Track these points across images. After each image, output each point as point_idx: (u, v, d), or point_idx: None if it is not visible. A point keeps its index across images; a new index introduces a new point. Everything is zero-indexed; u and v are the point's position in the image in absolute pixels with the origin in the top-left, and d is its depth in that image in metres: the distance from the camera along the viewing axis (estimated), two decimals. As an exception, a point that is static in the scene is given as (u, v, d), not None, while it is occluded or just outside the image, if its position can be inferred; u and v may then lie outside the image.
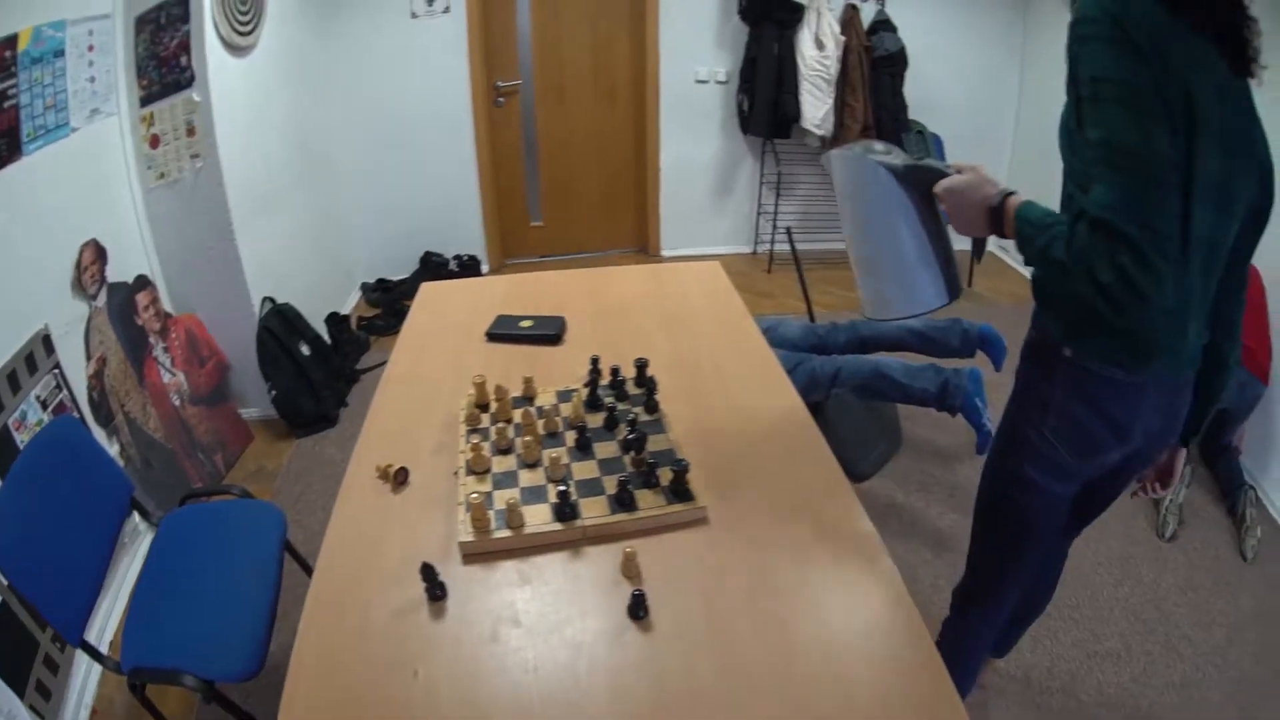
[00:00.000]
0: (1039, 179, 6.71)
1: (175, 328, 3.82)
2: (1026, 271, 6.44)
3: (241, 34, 4.00)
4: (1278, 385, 4.59)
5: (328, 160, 5.43)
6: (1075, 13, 1.52)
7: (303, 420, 4.22)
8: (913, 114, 6.74)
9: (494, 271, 6.40)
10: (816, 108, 6.13)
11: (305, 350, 4.28)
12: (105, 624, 2.92)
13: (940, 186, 1.79)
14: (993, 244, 7.11)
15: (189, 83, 3.72)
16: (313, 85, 5.17)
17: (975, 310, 6.06)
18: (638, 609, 1.50)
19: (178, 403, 3.69)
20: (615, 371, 2.18)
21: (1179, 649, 3.52)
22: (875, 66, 6.33)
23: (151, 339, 3.62)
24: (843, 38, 6.10)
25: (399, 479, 1.84)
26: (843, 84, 6.28)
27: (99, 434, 3.09)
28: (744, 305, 2.88)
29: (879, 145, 1.96)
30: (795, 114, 6.22)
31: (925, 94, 6.81)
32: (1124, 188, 1.39)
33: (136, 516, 2.56)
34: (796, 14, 6.04)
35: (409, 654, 1.44)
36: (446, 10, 5.55)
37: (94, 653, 2.07)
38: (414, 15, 5.52)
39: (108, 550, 2.28)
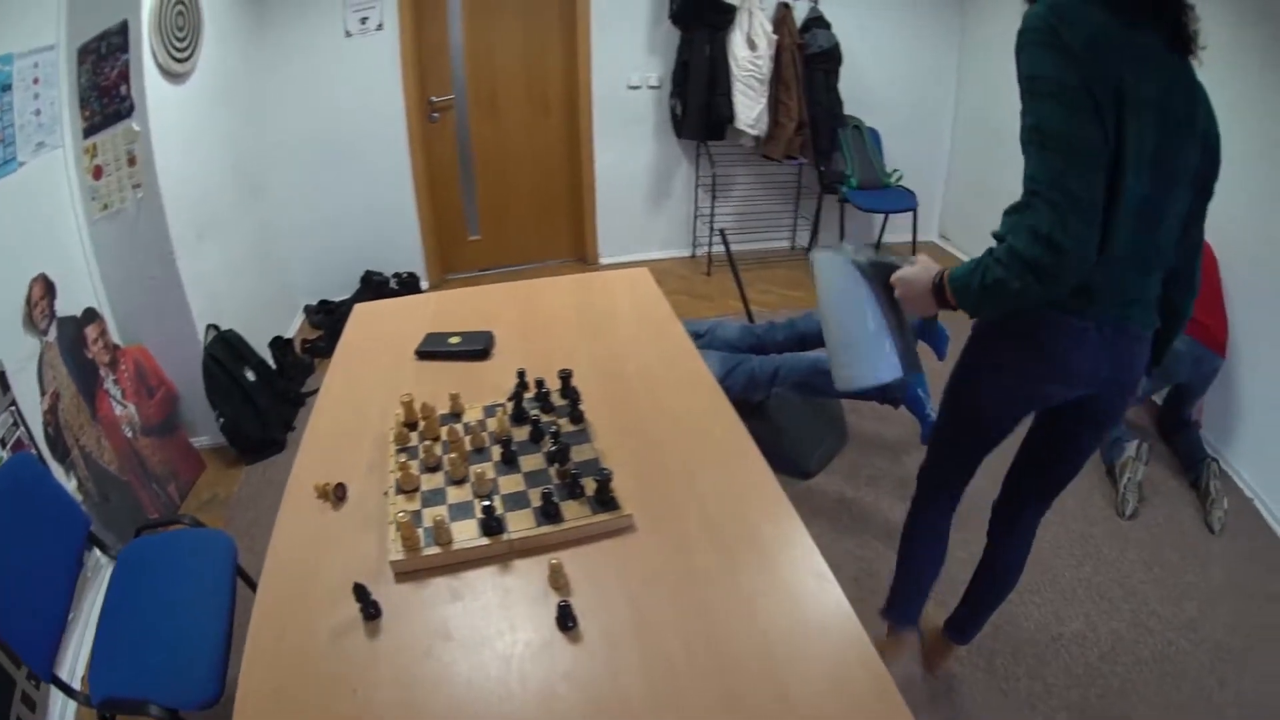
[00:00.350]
0: (977, 169, 6.84)
1: (124, 359, 3.81)
2: (966, 259, 6.65)
3: (178, 60, 4.00)
4: (1236, 357, 4.65)
5: (266, 183, 5.42)
6: (1021, 24, 1.78)
7: (251, 446, 4.20)
8: (849, 109, 6.77)
9: (434, 287, 6.39)
10: (750, 108, 6.17)
11: (251, 376, 4.28)
12: (77, 658, 2.93)
13: (894, 277, 2.05)
14: (934, 234, 7.20)
15: (129, 112, 3.71)
16: (249, 108, 5.16)
17: None
18: (566, 620, 1.52)
19: (130, 434, 3.67)
20: (540, 384, 2.19)
21: (1148, 625, 3.56)
22: (809, 64, 6.35)
23: (102, 372, 3.61)
24: (775, 37, 6.13)
25: (338, 494, 1.86)
26: (776, 83, 6.30)
27: (56, 469, 3.09)
28: (671, 310, 2.90)
29: (850, 246, 2.24)
30: (729, 115, 6.27)
31: (862, 89, 6.85)
32: (1048, 163, 1.69)
33: (97, 550, 2.58)
34: (728, 15, 6.07)
35: (348, 673, 1.45)
36: (380, 28, 5.55)
37: (65, 688, 2.09)
38: (348, 34, 5.50)
39: (70, 585, 2.30)
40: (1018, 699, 3.15)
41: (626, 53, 6.32)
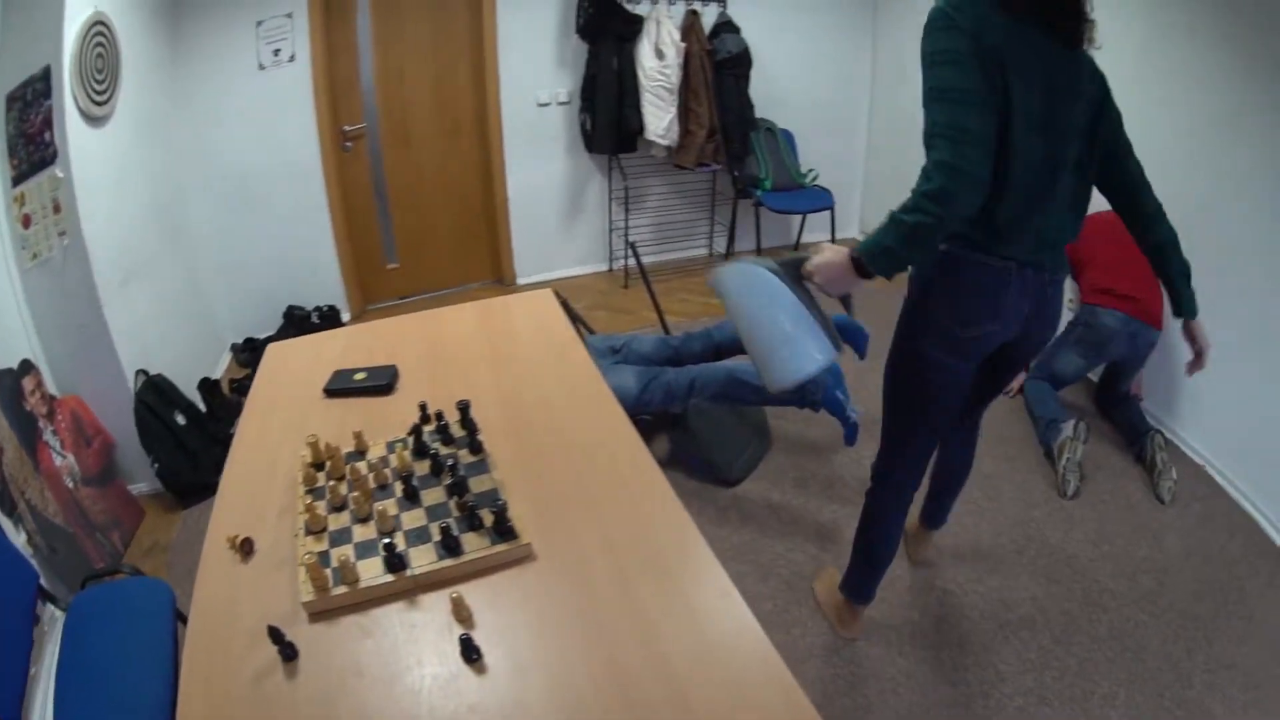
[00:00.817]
0: (895, 163, 7.00)
1: (61, 410, 3.80)
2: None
3: (98, 103, 3.98)
4: (1173, 327, 4.68)
5: (188, 223, 5.39)
6: (926, 19, 2.12)
7: (187, 491, 4.19)
8: (761, 112, 6.82)
9: (355, 319, 6.36)
10: (660, 118, 6.20)
11: (181, 420, 4.26)
12: (44, 713, 2.87)
13: (810, 265, 2.27)
14: (855, 231, 7.32)
15: (53, 158, 3.70)
16: (169, 148, 5.12)
17: (837, 303, 6.29)
18: (470, 652, 1.55)
19: (71, 485, 3.66)
20: (439, 416, 2.22)
21: (1101, 602, 3.59)
22: (719, 70, 6.39)
23: (41, 423, 3.61)
24: (683, 45, 6.15)
25: (245, 549, 1.87)
26: (685, 91, 6.32)
27: (6, 524, 3.08)
28: (574, 333, 2.92)
29: (750, 259, 2.41)
30: (639, 127, 6.32)
31: (773, 91, 6.90)
32: (944, 110, 2.01)
33: (50, 604, 2.61)
34: (635, 25, 6.09)
35: (272, 714, 1.48)
36: (292, 59, 5.54)
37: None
38: (261, 67, 5.50)
39: (27, 642, 2.33)
40: (968, 690, 3.14)
41: (534, 70, 6.35)
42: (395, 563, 1.73)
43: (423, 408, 2.27)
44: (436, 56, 6.13)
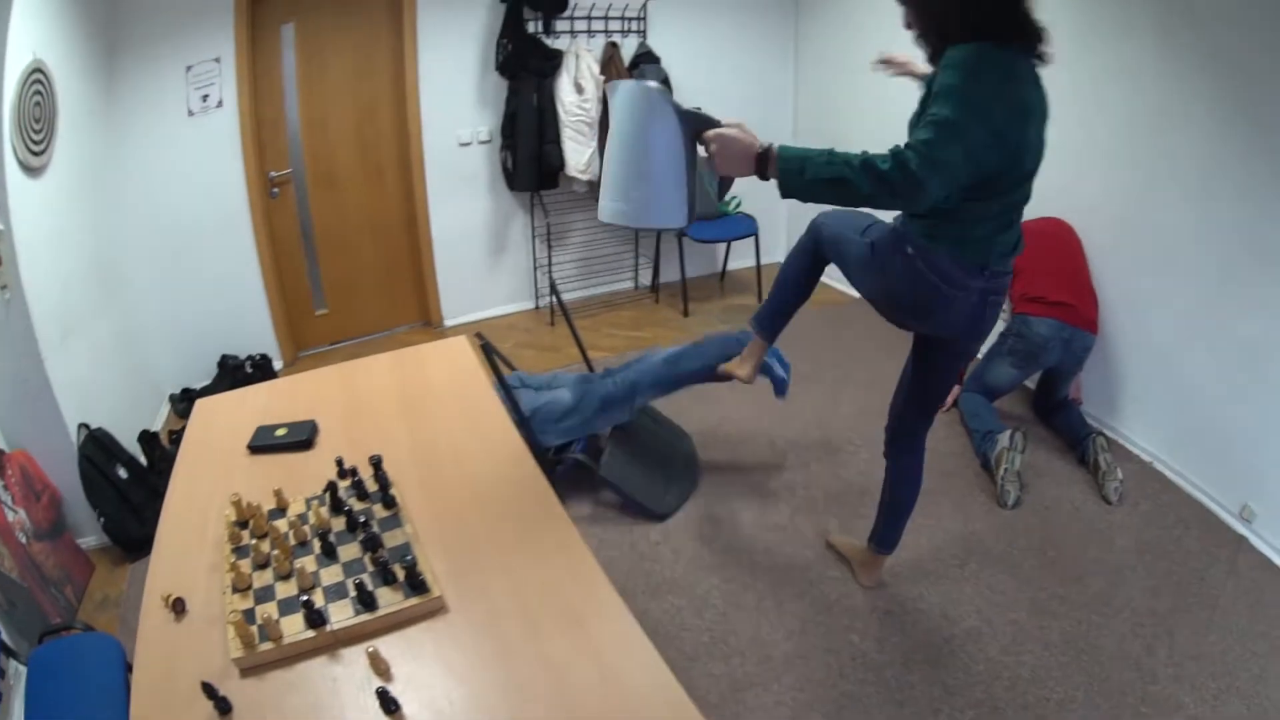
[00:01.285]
0: None
1: (10, 465, 3.79)
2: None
3: (35, 154, 3.95)
4: (1111, 330, 4.78)
5: (125, 273, 5.35)
6: (955, 54, 2.24)
7: (133, 544, 4.17)
8: None
9: (288, 366, 6.37)
10: (580, 153, 6.21)
11: (124, 474, 4.25)
12: None
13: (714, 132, 2.31)
14: (781, 255, 7.40)
15: None
16: (105, 198, 5.07)
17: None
18: (388, 704, 1.61)
19: (24, 540, 3.66)
20: (354, 472, 2.29)
21: (1050, 608, 3.62)
22: None
23: None
24: (602, 78, 6.18)
25: (177, 609, 1.92)
26: (605, 125, 6.29)
27: None
28: (487, 381, 2.98)
29: (656, 83, 2.45)
30: (560, 163, 6.31)
31: None
32: (940, 136, 2.13)
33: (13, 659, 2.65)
34: (554, 61, 6.13)
35: None
36: (220, 104, 5.54)
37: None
38: (191, 113, 5.48)
39: None
40: (917, 707, 3.14)
41: (455, 109, 6.37)
42: (315, 618, 1.80)
43: (339, 463, 2.34)
44: (359, 98, 6.14)
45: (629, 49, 6.66)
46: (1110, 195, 4.86)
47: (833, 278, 6.88)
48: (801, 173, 2.16)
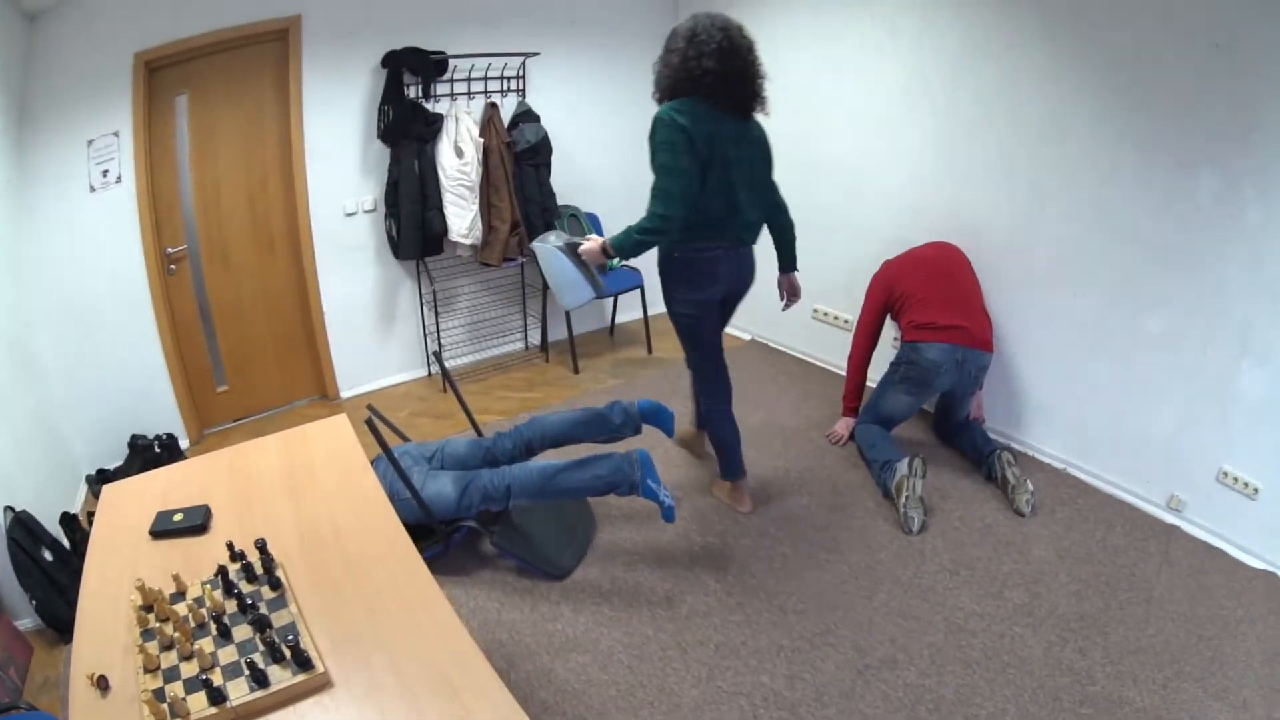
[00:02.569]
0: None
1: None
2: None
3: None
4: (1007, 346, 5.09)
5: (36, 353, 5.36)
6: (656, 115, 3.90)
7: (65, 626, 4.19)
8: (565, 198, 7.10)
9: (194, 444, 6.32)
10: (462, 218, 6.37)
11: (49, 557, 4.30)
12: None
13: (583, 248, 4.22)
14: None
15: None
16: (14, 274, 5.10)
17: (658, 374, 6.74)
18: None
19: None
20: (242, 555, 2.46)
21: (968, 626, 3.79)
22: (519, 161, 6.56)
23: None
24: (481, 140, 6.34)
25: (101, 685, 2.06)
26: (486, 187, 6.47)
27: None
28: (365, 459, 3.12)
29: (553, 235, 4.41)
30: (443, 229, 6.46)
31: (576, 175, 7.21)
32: (662, 179, 3.89)
33: None
34: (434, 125, 6.28)
35: None
36: (119, 180, 5.59)
37: None
38: (92, 189, 5.52)
39: None
40: None
41: (340, 180, 6.44)
42: (216, 696, 1.92)
43: (230, 547, 2.51)
44: (250, 169, 6.16)
45: (509, 108, 6.87)
46: (998, 212, 5.17)
47: (735, 326, 7.23)
48: (622, 248, 4.06)
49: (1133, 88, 4.41)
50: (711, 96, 3.88)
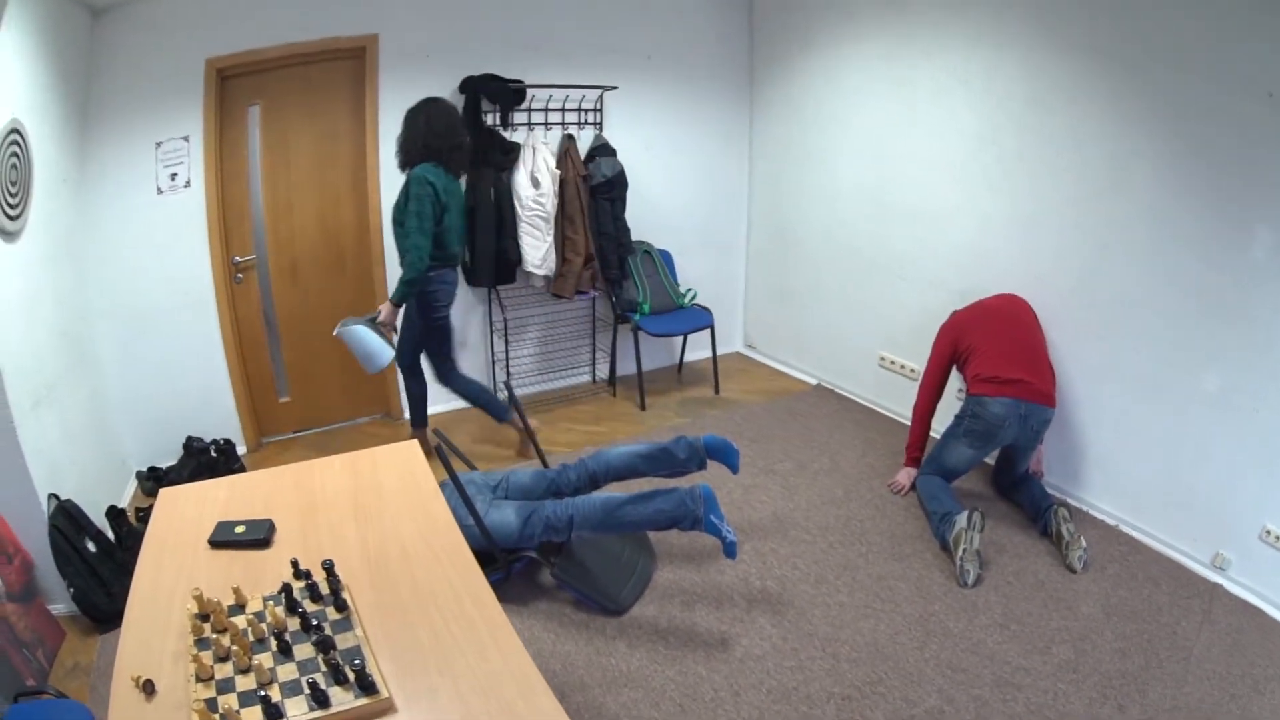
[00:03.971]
0: (776, 274, 7.85)
1: None
2: (774, 365, 7.78)
3: (11, 217, 4.01)
4: (1070, 400, 4.99)
5: (93, 346, 5.42)
6: (412, 175, 5.21)
7: (103, 617, 4.20)
8: (639, 234, 7.07)
9: (251, 451, 6.39)
10: (537, 248, 6.47)
11: (92, 547, 4.28)
12: None
13: (379, 319, 5.30)
14: (739, 345, 7.60)
15: None
16: (77, 269, 5.15)
17: (723, 414, 6.61)
18: None
19: None
20: (308, 574, 2.41)
21: (1014, 681, 3.72)
22: (594, 194, 6.55)
23: None
24: (558, 171, 6.34)
25: (147, 690, 2.02)
26: (562, 219, 6.48)
27: None
28: (435, 486, 3.06)
29: (350, 319, 5.31)
30: (517, 258, 6.55)
31: (650, 211, 7.20)
32: (416, 225, 5.17)
33: None
34: (511, 155, 6.31)
35: None
36: (188, 185, 5.64)
37: None
38: (159, 191, 5.57)
39: None
40: None
41: None
42: (273, 712, 1.91)
43: (294, 565, 2.47)
44: (322, 188, 6.26)
45: (585, 141, 6.87)
46: (1062, 264, 5.11)
47: (783, 363, 7.14)
48: (401, 295, 5.31)
49: (1190, 139, 4.37)
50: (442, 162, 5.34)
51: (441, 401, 7.05)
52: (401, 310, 5.38)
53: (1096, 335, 5.04)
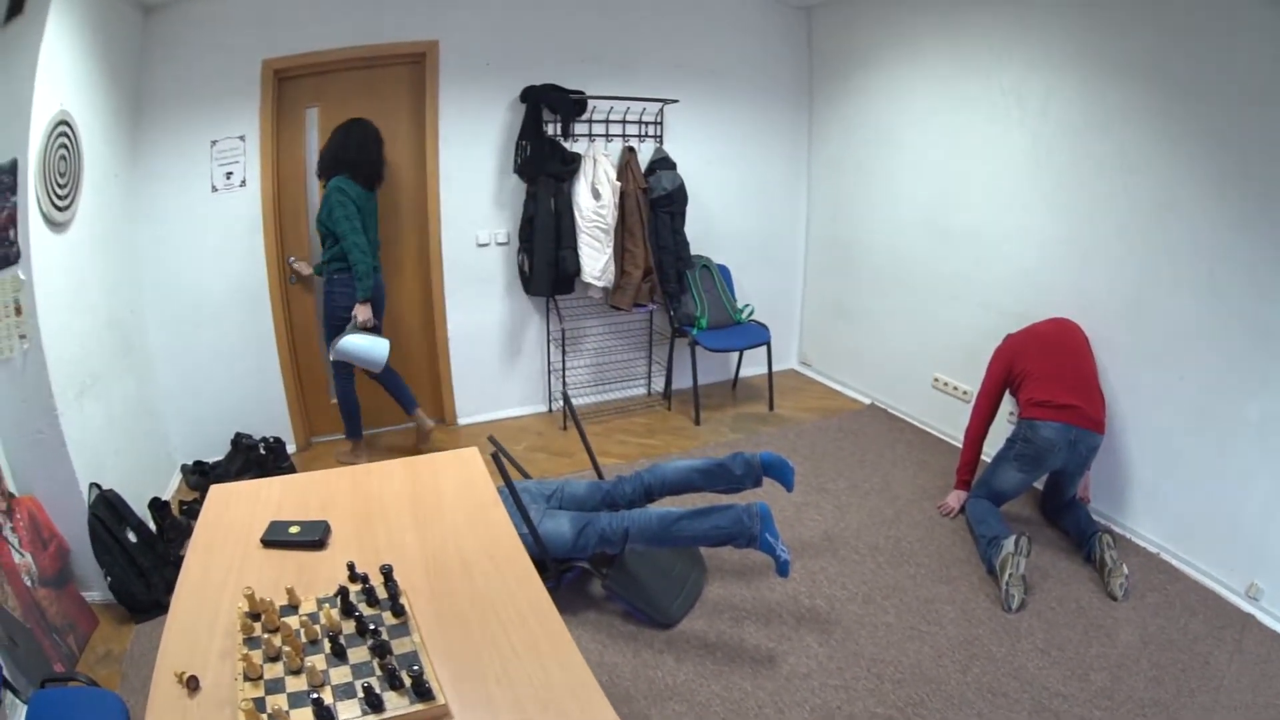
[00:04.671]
0: (833, 291, 7.73)
1: (19, 508, 3.86)
2: (828, 383, 7.64)
3: (60, 208, 4.04)
4: (1118, 426, 4.90)
5: (141, 340, 5.46)
6: (332, 186, 5.43)
7: (139, 607, 4.20)
8: (697, 248, 7.01)
9: (301, 450, 6.45)
10: (596, 260, 6.37)
11: (132, 538, 4.28)
12: None
13: (358, 323, 5.54)
14: (794, 362, 7.47)
15: (16, 258, 3.77)
16: (125, 262, 5.18)
17: (777, 431, 6.53)
18: None
19: (29, 583, 3.71)
20: (365, 579, 2.36)
21: (1052, 707, 3.66)
22: (654, 208, 6.50)
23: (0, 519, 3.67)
24: (619, 183, 6.30)
25: (191, 686, 1.98)
26: (621, 231, 6.43)
27: None
28: (495, 493, 3.02)
29: (349, 331, 5.58)
30: (576, 269, 6.47)
31: (709, 226, 7.15)
32: (348, 230, 5.37)
33: (10, 693, 2.72)
34: (572, 165, 6.26)
35: None
36: (243, 184, 5.66)
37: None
38: (214, 189, 5.60)
39: None
40: None
41: (474, 210, 6.52)
42: (324, 715, 1.87)
43: (351, 568, 2.43)
44: (380, 193, 6.08)
45: (646, 153, 6.84)
46: (1114, 289, 5.02)
47: (837, 381, 7.05)
48: (366, 291, 5.48)
49: (1242, 169, 4.27)
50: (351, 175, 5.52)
51: (501, 408, 7.16)
52: (368, 306, 5.60)
53: (1147, 362, 4.95)
